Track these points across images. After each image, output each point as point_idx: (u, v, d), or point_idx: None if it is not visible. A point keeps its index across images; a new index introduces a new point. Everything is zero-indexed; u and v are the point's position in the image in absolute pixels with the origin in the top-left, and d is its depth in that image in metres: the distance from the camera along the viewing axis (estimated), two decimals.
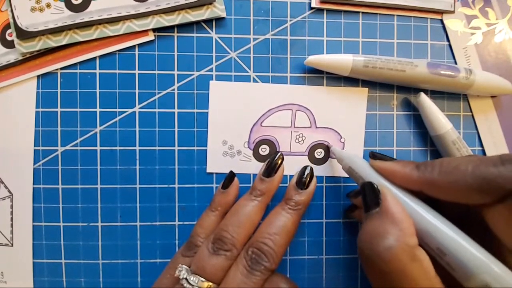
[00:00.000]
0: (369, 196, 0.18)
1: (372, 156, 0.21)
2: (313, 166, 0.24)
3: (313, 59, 0.23)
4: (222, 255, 0.20)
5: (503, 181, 0.15)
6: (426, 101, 0.24)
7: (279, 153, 0.23)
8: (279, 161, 0.22)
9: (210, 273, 0.19)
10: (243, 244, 0.20)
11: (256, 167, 0.24)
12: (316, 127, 0.25)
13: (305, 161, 0.25)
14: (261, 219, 0.22)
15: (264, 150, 0.24)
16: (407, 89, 0.25)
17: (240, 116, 0.24)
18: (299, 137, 0.25)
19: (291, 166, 0.24)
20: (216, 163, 0.24)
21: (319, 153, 0.25)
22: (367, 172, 0.20)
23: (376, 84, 0.25)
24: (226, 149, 0.24)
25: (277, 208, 0.22)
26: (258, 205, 0.21)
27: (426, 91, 0.25)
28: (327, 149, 0.25)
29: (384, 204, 0.17)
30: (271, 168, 0.22)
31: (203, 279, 0.19)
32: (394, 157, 0.25)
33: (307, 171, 0.22)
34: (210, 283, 0.19)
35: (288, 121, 0.25)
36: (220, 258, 0.20)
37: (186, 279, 0.19)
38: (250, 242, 0.20)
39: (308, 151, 0.25)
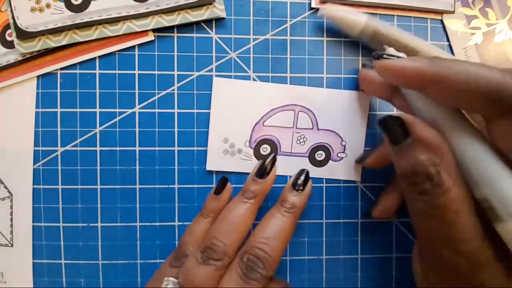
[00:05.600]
0: (395, 128, 0.17)
1: (377, 56, 0.19)
2: (313, 168, 0.24)
3: (328, 10, 0.23)
4: (212, 265, 0.18)
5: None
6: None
7: (272, 154, 0.23)
8: (272, 162, 0.22)
9: (199, 285, 0.18)
10: (235, 250, 0.19)
11: None
12: (318, 129, 0.25)
13: (305, 162, 0.25)
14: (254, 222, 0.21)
15: (265, 149, 0.24)
16: None
17: (243, 115, 0.24)
18: (301, 138, 0.25)
19: (291, 167, 0.24)
20: (216, 161, 0.24)
21: (320, 155, 0.25)
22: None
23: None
24: (227, 147, 0.24)
25: (272, 210, 0.21)
26: (251, 207, 0.20)
27: None
28: (328, 151, 0.25)
29: (414, 130, 0.16)
30: (264, 168, 0.22)
31: None
32: None
33: (304, 173, 0.22)
34: None
35: (290, 122, 0.25)
36: (210, 268, 0.18)
37: None
38: (245, 249, 0.19)
39: (309, 152, 0.25)
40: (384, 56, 0.19)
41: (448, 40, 0.26)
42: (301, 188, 0.21)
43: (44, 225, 0.24)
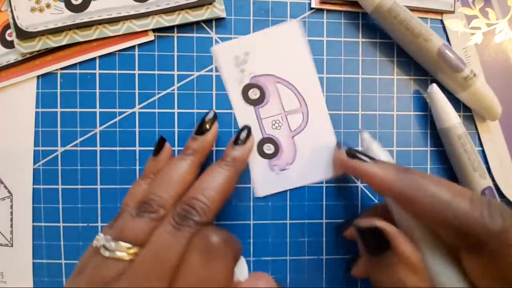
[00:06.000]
0: (374, 239, 0.16)
1: (349, 154, 0.19)
2: (257, 156, 0.24)
3: None
4: (146, 218, 0.17)
5: (479, 228, 0.14)
6: (437, 93, 0.24)
7: (212, 111, 0.22)
8: (211, 117, 0.22)
9: (132, 236, 0.17)
10: (173, 205, 0.18)
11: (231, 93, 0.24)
12: (292, 137, 0.24)
13: (257, 136, 0.24)
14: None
15: (254, 94, 0.24)
16: (407, 90, 0.25)
17: (275, 58, 0.24)
18: (277, 123, 0.24)
19: (245, 123, 0.24)
20: (221, 50, 0.24)
21: (268, 149, 0.24)
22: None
23: (376, 84, 0.25)
24: (240, 57, 0.24)
25: (212, 165, 0.20)
26: (190, 163, 0.20)
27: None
28: (274, 153, 0.24)
29: (397, 245, 0.16)
30: (205, 124, 0.21)
31: (124, 243, 0.16)
32: (394, 157, 0.25)
33: (245, 129, 0.22)
34: (133, 247, 0.16)
35: (289, 107, 0.24)
36: (144, 220, 0.17)
37: (104, 246, 0.17)
38: (181, 200, 0.18)
39: (266, 137, 0.24)
40: (357, 154, 0.19)
41: (448, 40, 0.26)
42: (243, 142, 0.21)
43: (44, 225, 0.24)
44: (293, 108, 0.25)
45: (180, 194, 0.19)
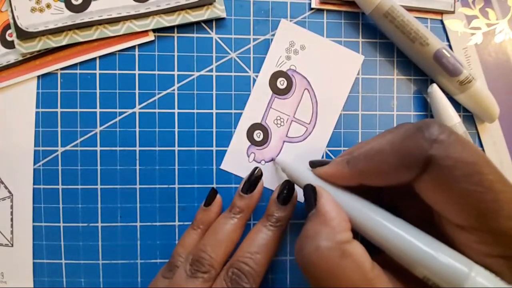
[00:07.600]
0: (308, 198, 0.18)
1: (311, 164, 0.20)
2: (244, 136, 0.24)
3: None
4: (199, 278, 0.19)
5: (418, 151, 0.15)
6: (437, 93, 0.24)
7: (258, 168, 0.23)
8: (258, 176, 0.22)
9: None
10: (222, 263, 0.20)
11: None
12: (283, 142, 0.24)
13: (255, 121, 0.24)
14: (241, 236, 0.22)
15: (281, 84, 0.24)
16: (407, 90, 0.25)
17: (321, 69, 0.24)
18: (280, 120, 0.24)
19: (257, 105, 0.24)
20: (287, 27, 0.24)
21: (258, 135, 0.24)
22: (306, 176, 0.20)
23: (376, 84, 0.25)
24: (294, 46, 0.24)
25: (258, 225, 0.21)
26: (237, 222, 0.21)
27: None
28: (265, 138, 0.24)
29: (318, 203, 0.17)
30: (251, 183, 0.22)
31: None
32: None
33: (288, 186, 0.22)
34: None
35: (299, 117, 0.24)
36: (197, 281, 0.19)
37: None
38: (231, 263, 0.20)
39: (263, 125, 0.24)
40: (315, 162, 0.20)
41: (448, 40, 0.26)
42: (286, 201, 0.22)
43: (44, 225, 0.24)
44: (302, 120, 0.25)
45: (228, 252, 0.21)
